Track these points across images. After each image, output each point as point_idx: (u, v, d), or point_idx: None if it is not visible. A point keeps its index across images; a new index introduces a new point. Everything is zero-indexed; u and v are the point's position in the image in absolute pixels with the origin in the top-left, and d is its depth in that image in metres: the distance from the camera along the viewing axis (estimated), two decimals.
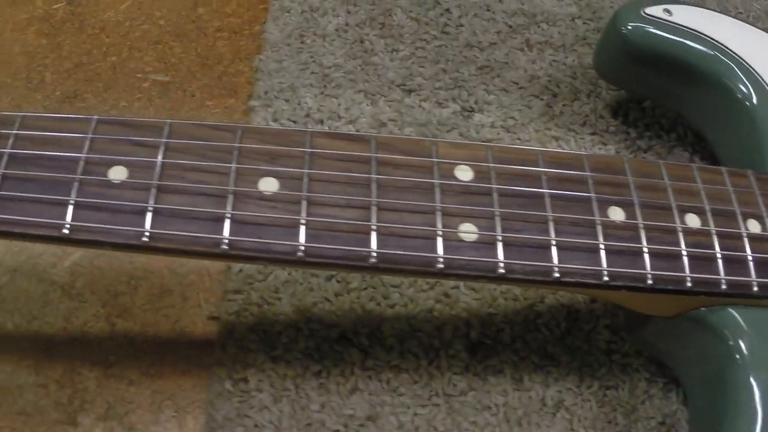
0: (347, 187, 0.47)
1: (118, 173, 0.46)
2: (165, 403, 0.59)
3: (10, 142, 0.47)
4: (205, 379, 0.59)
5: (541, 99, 0.67)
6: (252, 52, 0.71)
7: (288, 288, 0.59)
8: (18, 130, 0.48)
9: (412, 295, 0.59)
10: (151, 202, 0.45)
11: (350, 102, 0.66)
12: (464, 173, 0.48)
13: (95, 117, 0.48)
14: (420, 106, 0.65)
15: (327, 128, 0.65)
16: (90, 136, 0.47)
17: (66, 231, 0.44)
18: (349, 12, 0.71)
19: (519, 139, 0.65)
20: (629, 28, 0.60)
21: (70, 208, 0.45)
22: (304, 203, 0.45)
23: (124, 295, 0.62)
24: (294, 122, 0.65)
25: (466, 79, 0.67)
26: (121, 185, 0.46)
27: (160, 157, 0.46)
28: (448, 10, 0.71)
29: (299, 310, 0.59)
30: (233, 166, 0.46)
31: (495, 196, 0.48)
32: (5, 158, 0.47)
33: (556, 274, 0.47)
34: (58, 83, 0.72)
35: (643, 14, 0.60)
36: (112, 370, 0.60)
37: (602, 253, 0.48)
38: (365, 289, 0.59)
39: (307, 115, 0.65)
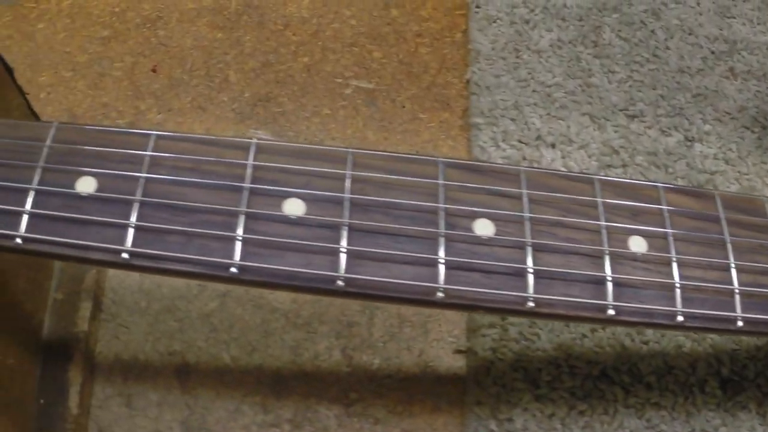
0: (705, 247, 0.45)
1: (484, 228, 0.43)
2: None
3: (347, 184, 0.43)
4: (458, 417, 0.57)
5: (753, 131, 0.67)
6: (458, 61, 0.67)
7: (545, 323, 0.58)
8: (353, 170, 0.43)
9: (662, 330, 0.59)
10: (529, 263, 0.42)
11: (578, 125, 0.64)
12: None
13: (441, 159, 0.44)
14: (646, 133, 0.64)
15: (560, 152, 0.63)
16: (442, 182, 0.44)
17: (441, 295, 0.41)
18: (559, 27, 0.68)
19: (739, 172, 0.65)
20: None
21: (441, 269, 0.41)
22: (674, 265, 0.44)
23: (358, 325, 0.59)
24: (525, 144, 0.62)
25: (683, 106, 0.67)
26: (490, 242, 0.43)
27: (527, 212, 0.44)
28: (653, 31, 0.70)
29: (559, 347, 0.57)
30: (603, 223, 0.44)
31: None
32: (346, 204, 0.42)
33: None
34: (245, 84, 0.65)
35: None
36: (354, 408, 0.57)
37: None
38: None
39: (538, 138, 0.63)
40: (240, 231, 0.41)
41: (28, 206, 0.42)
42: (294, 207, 0.42)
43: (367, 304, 0.59)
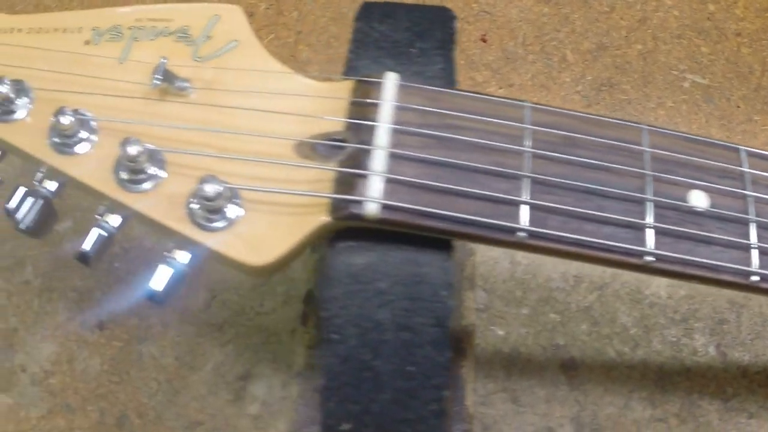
0: None
1: None
2: None
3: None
4: None
5: None
6: None
7: None
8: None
9: None
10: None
11: None
12: None
13: None
14: None
15: None
16: None
17: None
18: None
19: None
20: None
21: None
22: None
23: (728, 323, 0.60)
24: None
25: None
26: None
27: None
28: None
29: None
30: None
31: None
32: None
33: None
34: (584, 65, 0.63)
35: None
36: (731, 403, 0.58)
37: None
38: None
39: None
40: None
41: (649, 219, 0.39)
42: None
43: (733, 302, 0.61)
